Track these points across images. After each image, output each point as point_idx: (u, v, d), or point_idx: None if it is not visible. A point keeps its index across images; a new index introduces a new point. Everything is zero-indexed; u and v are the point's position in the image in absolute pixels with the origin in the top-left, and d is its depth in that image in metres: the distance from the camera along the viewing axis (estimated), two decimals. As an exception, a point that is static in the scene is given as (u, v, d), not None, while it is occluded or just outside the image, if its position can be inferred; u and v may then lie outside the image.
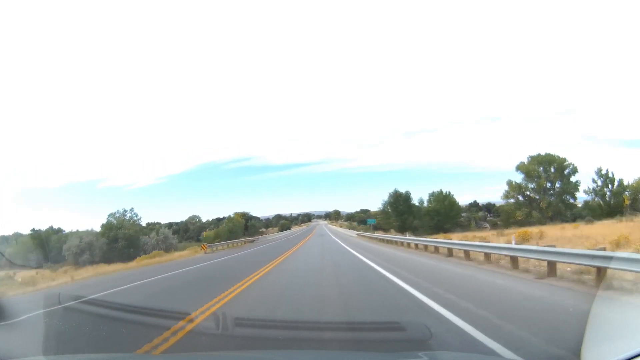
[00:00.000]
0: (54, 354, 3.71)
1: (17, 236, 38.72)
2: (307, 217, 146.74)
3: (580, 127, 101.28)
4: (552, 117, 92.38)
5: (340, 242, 30.44)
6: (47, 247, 34.99)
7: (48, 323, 5.42)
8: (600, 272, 6.20)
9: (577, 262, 6.83)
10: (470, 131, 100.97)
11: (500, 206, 55.49)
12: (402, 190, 57.62)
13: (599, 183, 42.67)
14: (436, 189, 61.25)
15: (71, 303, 7.07)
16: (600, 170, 42.67)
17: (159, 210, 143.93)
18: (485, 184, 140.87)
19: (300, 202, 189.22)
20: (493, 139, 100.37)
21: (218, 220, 70.55)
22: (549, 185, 45.46)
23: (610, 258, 5.85)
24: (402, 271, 9.97)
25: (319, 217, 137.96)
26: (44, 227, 48.90)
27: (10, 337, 4.78)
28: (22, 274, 20.45)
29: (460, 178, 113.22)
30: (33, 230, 41.29)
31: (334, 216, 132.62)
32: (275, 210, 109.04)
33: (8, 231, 38.31)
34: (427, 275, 9.04)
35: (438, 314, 5.07)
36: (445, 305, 5.42)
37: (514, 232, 22.73)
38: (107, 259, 33.47)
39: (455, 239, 18.17)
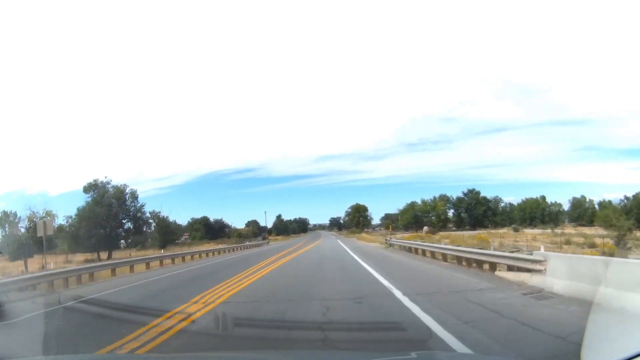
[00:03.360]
0: (54, 354, 3.70)
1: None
2: (300, 226, 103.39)
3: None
4: (556, 127, 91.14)
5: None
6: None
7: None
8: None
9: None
10: (474, 143, 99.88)
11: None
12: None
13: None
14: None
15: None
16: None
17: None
18: (491, 195, 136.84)
19: (303, 214, 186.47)
20: (499, 150, 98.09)
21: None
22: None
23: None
24: None
25: (322, 227, 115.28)
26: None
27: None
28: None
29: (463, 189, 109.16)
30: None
31: (354, 218, 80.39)
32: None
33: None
34: None
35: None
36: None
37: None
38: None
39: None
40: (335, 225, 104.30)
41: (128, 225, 39.04)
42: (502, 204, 61.05)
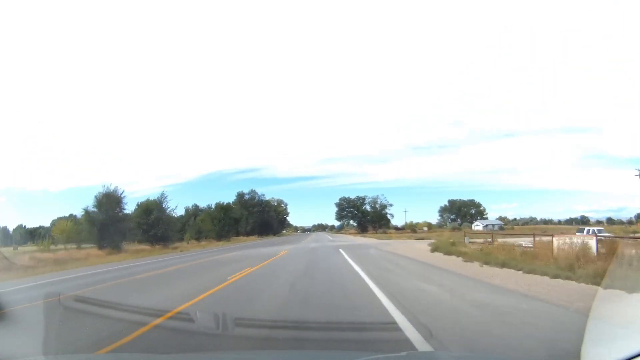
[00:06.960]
0: (54, 354, 3.82)
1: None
2: (255, 219, 74.66)
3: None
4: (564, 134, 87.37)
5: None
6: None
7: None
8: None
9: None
10: (483, 148, 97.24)
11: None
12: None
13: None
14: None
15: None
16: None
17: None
18: (495, 202, 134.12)
19: (307, 216, 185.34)
20: (508, 156, 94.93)
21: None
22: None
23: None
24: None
25: (323, 228, 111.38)
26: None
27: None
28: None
29: (472, 195, 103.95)
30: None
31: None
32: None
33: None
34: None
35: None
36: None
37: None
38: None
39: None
40: (350, 215, 70.07)
41: None
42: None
